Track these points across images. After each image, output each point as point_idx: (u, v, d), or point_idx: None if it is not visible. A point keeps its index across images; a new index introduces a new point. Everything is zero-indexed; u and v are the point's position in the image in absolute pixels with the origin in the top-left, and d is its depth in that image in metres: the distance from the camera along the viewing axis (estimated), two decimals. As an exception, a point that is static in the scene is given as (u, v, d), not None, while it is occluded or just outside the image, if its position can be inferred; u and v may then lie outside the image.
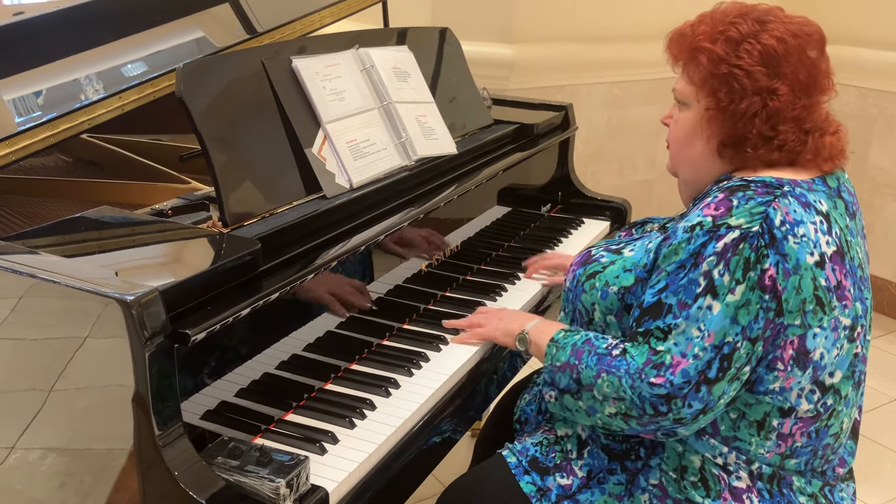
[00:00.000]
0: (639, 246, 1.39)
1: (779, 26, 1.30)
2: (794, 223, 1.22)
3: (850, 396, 1.33)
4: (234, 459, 1.17)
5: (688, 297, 1.22)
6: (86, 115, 1.62)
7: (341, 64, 1.75)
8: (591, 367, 1.30)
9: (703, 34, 1.33)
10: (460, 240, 1.95)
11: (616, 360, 1.28)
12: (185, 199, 1.58)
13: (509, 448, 1.47)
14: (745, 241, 1.20)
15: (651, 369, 1.23)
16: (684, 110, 1.39)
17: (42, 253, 1.26)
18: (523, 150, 2.18)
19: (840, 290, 1.26)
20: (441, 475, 2.23)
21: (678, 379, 1.21)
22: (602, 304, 1.39)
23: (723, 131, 1.33)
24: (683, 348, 1.22)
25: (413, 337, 1.65)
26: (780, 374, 1.25)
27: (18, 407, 1.24)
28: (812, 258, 1.22)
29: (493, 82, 2.65)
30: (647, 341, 1.25)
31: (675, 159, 1.44)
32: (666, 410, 1.23)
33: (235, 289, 1.28)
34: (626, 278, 1.36)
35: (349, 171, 1.63)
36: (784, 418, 1.28)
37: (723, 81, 1.31)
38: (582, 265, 1.46)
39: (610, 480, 1.36)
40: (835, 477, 1.36)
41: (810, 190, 1.28)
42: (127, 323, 1.09)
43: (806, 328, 1.23)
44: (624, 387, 1.25)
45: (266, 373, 1.39)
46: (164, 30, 1.88)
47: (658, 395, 1.22)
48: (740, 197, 1.24)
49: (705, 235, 1.23)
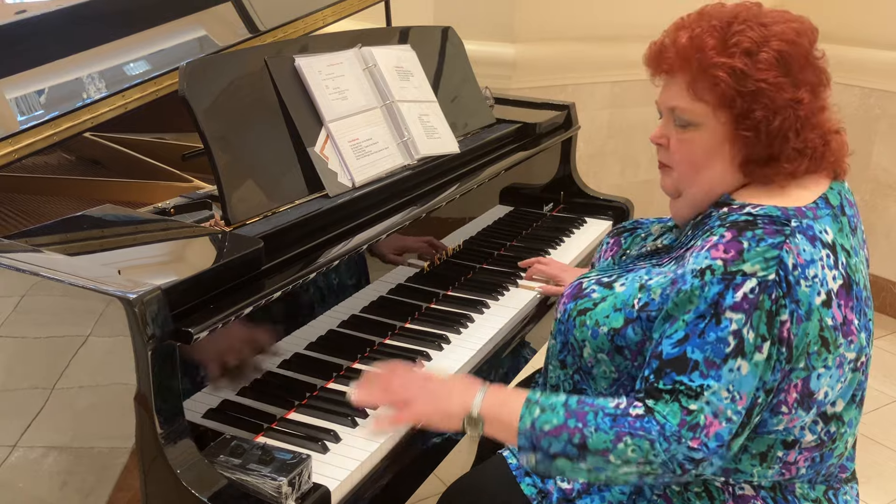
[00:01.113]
0: (630, 280, 1.31)
1: (782, 28, 1.23)
2: (805, 264, 1.16)
3: (853, 417, 1.30)
4: (237, 458, 1.17)
5: (716, 356, 1.15)
6: (89, 114, 1.62)
7: (344, 63, 1.75)
8: (606, 430, 1.17)
9: (713, 48, 1.22)
10: (462, 239, 1.95)
11: (643, 422, 1.17)
12: (187, 198, 1.58)
13: (510, 449, 1.46)
14: (765, 293, 1.14)
15: (687, 431, 1.15)
16: (692, 130, 1.26)
17: (45, 251, 1.26)
18: (525, 150, 2.18)
19: (846, 326, 1.20)
20: (443, 474, 2.23)
21: (713, 442, 1.15)
22: (592, 343, 1.31)
23: (752, 150, 1.24)
24: (715, 409, 1.15)
25: (415, 336, 1.65)
26: (785, 417, 1.21)
27: (21, 405, 1.24)
28: (820, 298, 1.17)
29: (496, 81, 2.65)
30: (675, 399, 1.16)
31: (684, 181, 1.31)
32: (692, 468, 1.17)
33: (238, 287, 1.28)
34: (616, 319, 1.28)
35: (351, 170, 1.63)
36: (788, 450, 1.25)
37: (753, 99, 1.20)
38: (573, 298, 1.36)
39: (613, 489, 1.34)
40: (838, 480, 1.36)
41: (815, 219, 1.21)
42: (129, 321, 1.09)
43: (810, 370, 1.19)
44: (657, 450, 1.16)
45: (268, 371, 1.39)
46: (167, 28, 1.88)
47: (692, 458, 1.16)
48: (750, 238, 1.16)
49: (720, 283, 1.15)
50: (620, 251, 1.53)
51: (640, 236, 1.53)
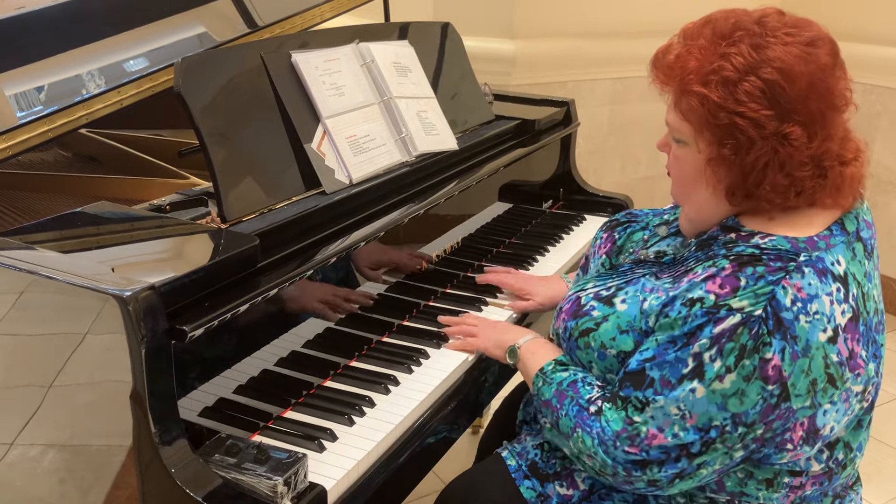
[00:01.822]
0: (630, 296, 1.27)
1: (780, 51, 1.12)
2: (808, 299, 1.11)
3: (862, 440, 1.28)
4: (232, 457, 1.16)
5: (672, 375, 1.14)
6: (84, 110, 1.61)
7: (341, 58, 1.74)
8: (570, 418, 1.25)
9: (693, 72, 1.16)
10: (461, 236, 1.95)
11: (591, 419, 1.22)
12: (183, 195, 1.57)
13: (509, 449, 1.45)
14: (745, 326, 1.10)
15: (625, 439, 1.17)
16: (683, 147, 1.23)
17: (40, 248, 1.25)
18: (525, 146, 2.17)
19: (853, 360, 1.15)
20: (443, 472, 2.22)
21: (654, 451, 1.16)
22: (600, 364, 1.29)
23: (730, 180, 1.18)
24: (661, 423, 1.15)
25: (413, 333, 1.64)
26: (789, 453, 1.18)
27: (18, 403, 1.23)
28: (825, 335, 1.11)
29: (495, 78, 2.64)
30: (624, 408, 1.18)
31: (677, 194, 1.30)
32: (640, 474, 1.18)
33: (233, 285, 1.27)
34: (625, 342, 1.25)
35: (349, 167, 1.62)
36: (795, 477, 1.24)
37: (724, 132, 1.14)
38: (574, 317, 1.32)
39: (615, 498, 1.33)
40: (844, 488, 1.34)
41: (828, 248, 1.16)
42: (123, 319, 1.08)
43: (816, 407, 1.14)
44: (595, 448, 1.20)
45: (265, 369, 1.39)
46: (165, 24, 1.87)
47: (632, 461, 1.17)
48: (749, 275, 1.12)
49: (704, 317, 1.12)
50: (615, 247, 1.48)
51: (636, 230, 1.47)
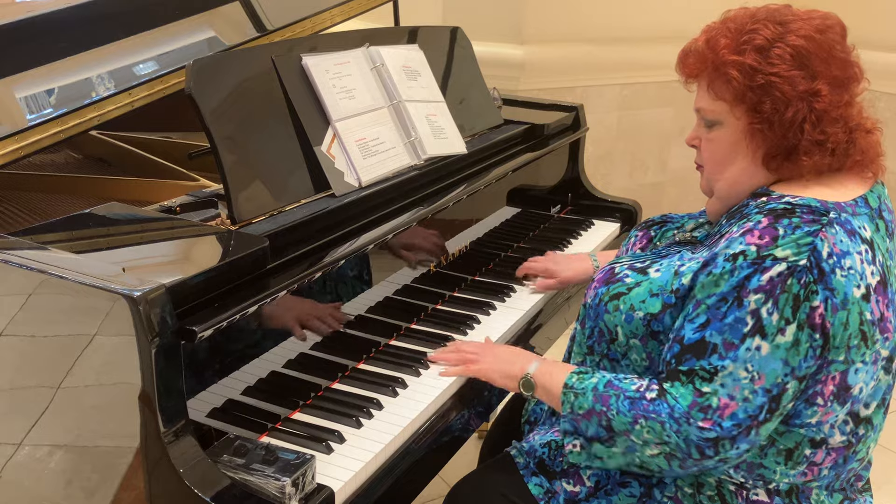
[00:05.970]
0: (665, 266, 1.33)
1: (802, 24, 1.25)
2: (841, 254, 1.17)
3: (880, 422, 1.30)
4: (240, 458, 1.16)
5: (734, 336, 1.17)
6: (95, 111, 1.62)
7: (351, 62, 1.74)
8: (625, 414, 1.23)
9: (725, 47, 1.27)
10: (469, 240, 1.95)
11: (655, 405, 1.21)
12: (193, 196, 1.58)
13: (517, 448, 1.46)
14: (793, 276, 1.15)
15: (698, 412, 1.18)
16: (717, 129, 1.31)
17: (51, 249, 1.26)
18: (533, 151, 2.17)
19: (883, 323, 1.21)
20: (447, 476, 2.22)
21: (727, 422, 1.17)
22: (626, 328, 1.33)
23: (770, 143, 1.26)
24: (731, 390, 1.17)
25: (421, 337, 1.64)
26: (820, 409, 1.21)
27: (27, 403, 1.24)
28: (859, 291, 1.17)
29: (504, 82, 2.64)
30: (690, 381, 1.19)
31: (711, 179, 1.36)
32: (713, 454, 1.19)
33: (243, 286, 1.27)
34: (653, 304, 1.30)
35: (358, 170, 1.63)
36: (815, 448, 1.25)
37: (763, 93, 1.24)
38: (605, 283, 1.38)
39: (620, 492, 1.33)
40: (854, 490, 1.35)
41: (854, 214, 1.23)
42: (133, 319, 1.08)
43: (849, 364, 1.19)
44: (668, 431, 1.19)
45: (273, 371, 1.39)
46: (175, 28, 1.88)
47: (706, 438, 1.18)
48: (786, 225, 1.18)
49: (750, 267, 1.16)
50: (651, 244, 1.53)
51: (671, 229, 1.53)
